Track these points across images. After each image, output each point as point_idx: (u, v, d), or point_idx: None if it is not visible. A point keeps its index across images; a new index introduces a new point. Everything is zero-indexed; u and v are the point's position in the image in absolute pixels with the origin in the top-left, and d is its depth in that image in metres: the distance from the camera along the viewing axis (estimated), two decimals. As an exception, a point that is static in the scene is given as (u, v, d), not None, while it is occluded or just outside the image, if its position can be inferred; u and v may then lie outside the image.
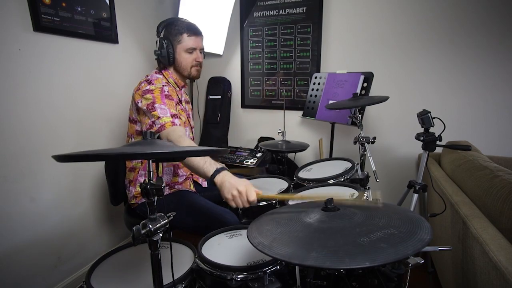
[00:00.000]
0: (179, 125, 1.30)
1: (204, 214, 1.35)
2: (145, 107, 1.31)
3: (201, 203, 1.40)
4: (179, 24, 1.43)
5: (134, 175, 1.45)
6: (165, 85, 1.38)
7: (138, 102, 1.33)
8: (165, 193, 1.28)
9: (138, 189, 1.41)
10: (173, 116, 1.30)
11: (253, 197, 1.06)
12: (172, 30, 1.43)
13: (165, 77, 1.47)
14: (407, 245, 0.58)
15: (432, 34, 1.93)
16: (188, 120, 1.57)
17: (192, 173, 1.63)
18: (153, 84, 1.36)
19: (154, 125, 1.29)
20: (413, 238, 0.60)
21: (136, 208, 1.45)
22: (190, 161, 1.16)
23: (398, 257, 0.55)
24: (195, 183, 1.63)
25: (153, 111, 1.29)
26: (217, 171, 1.14)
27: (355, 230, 0.65)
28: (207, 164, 1.16)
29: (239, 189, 1.06)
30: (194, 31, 1.45)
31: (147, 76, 1.44)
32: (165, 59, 1.43)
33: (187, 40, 1.43)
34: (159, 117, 1.28)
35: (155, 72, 1.47)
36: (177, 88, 1.52)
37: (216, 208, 1.36)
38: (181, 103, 1.52)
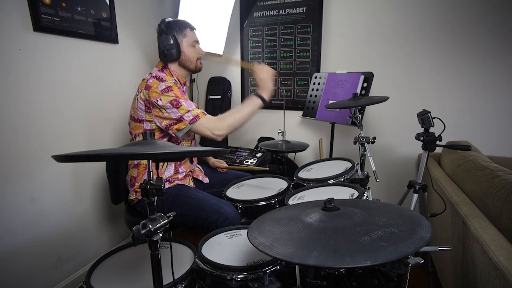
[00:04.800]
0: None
1: (202, 205, 1.35)
2: (168, 104, 1.33)
3: (199, 195, 1.41)
4: (180, 21, 1.52)
5: (138, 172, 1.45)
6: (175, 82, 1.42)
7: (156, 100, 1.33)
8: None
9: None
10: (197, 107, 1.38)
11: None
12: (175, 26, 1.47)
13: (168, 75, 1.47)
14: (408, 243, 0.59)
15: (432, 34, 1.93)
16: None
17: (192, 170, 1.63)
18: (165, 81, 1.37)
19: (183, 118, 1.34)
20: (414, 236, 0.61)
21: (136, 204, 1.45)
22: (238, 115, 1.39)
23: (399, 255, 0.55)
24: (195, 180, 1.63)
25: (180, 106, 1.33)
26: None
27: (356, 230, 0.66)
28: (247, 103, 1.43)
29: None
30: (193, 26, 1.55)
31: (151, 73, 1.43)
32: (172, 54, 1.45)
33: (191, 34, 1.51)
34: (189, 110, 1.34)
35: (158, 70, 1.47)
36: (179, 85, 1.52)
37: (214, 199, 1.38)
38: None
